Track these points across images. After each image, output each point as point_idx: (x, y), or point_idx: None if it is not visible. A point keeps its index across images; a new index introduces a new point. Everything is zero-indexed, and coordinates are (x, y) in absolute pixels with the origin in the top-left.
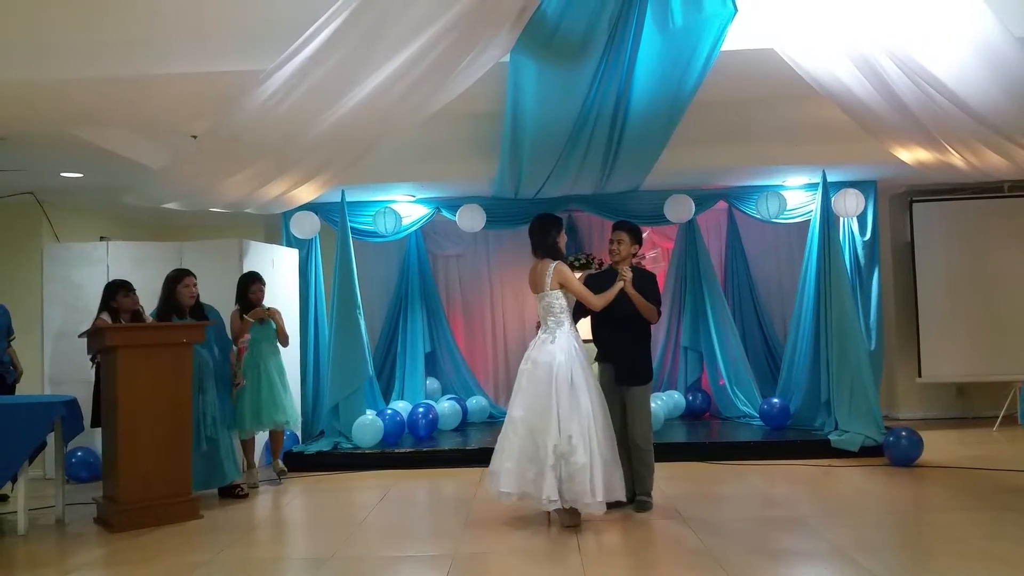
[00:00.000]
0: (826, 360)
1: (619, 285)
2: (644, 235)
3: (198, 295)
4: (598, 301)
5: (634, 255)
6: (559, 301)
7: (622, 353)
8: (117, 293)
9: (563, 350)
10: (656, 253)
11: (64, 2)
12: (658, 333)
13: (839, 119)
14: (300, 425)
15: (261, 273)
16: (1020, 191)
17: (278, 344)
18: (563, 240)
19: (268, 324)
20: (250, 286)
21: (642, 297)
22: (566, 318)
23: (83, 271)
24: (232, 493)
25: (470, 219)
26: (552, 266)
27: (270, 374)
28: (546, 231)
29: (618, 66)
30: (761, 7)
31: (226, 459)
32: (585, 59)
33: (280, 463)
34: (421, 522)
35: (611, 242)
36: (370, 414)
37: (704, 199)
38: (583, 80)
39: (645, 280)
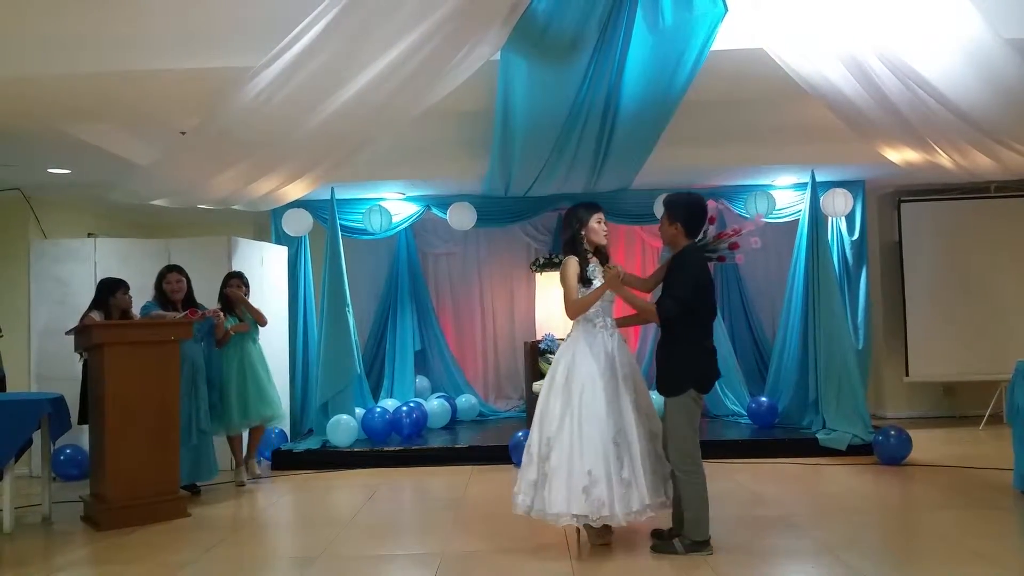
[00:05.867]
0: (814, 359)
1: (600, 286)
2: (711, 208)
3: (189, 291)
4: (570, 309)
5: (682, 233)
6: None
7: (658, 357)
8: (117, 291)
9: (569, 348)
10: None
11: None
12: (647, 332)
13: (828, 119)
14: (289, 423)
15: (249, 271)
16: (1007, 192)
17: (258, 338)
18: (590, 230)
19: (247, 320)
20: (226, 282)
21: (631, 292)
22: (589, 321)
23: (70, 268)
24: (190, 489)
25: (461, 217)
26: (564, 261)
27: (255, 368)
28: (564, 227)
29: (608, 64)
30: (751, 7)
31: (212, 456)
32: (575, 57)
33: (256, 465)
34: (410, 520)
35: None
36: (358, 411)
37: None
38: (573, 78)
39: (671, 269)
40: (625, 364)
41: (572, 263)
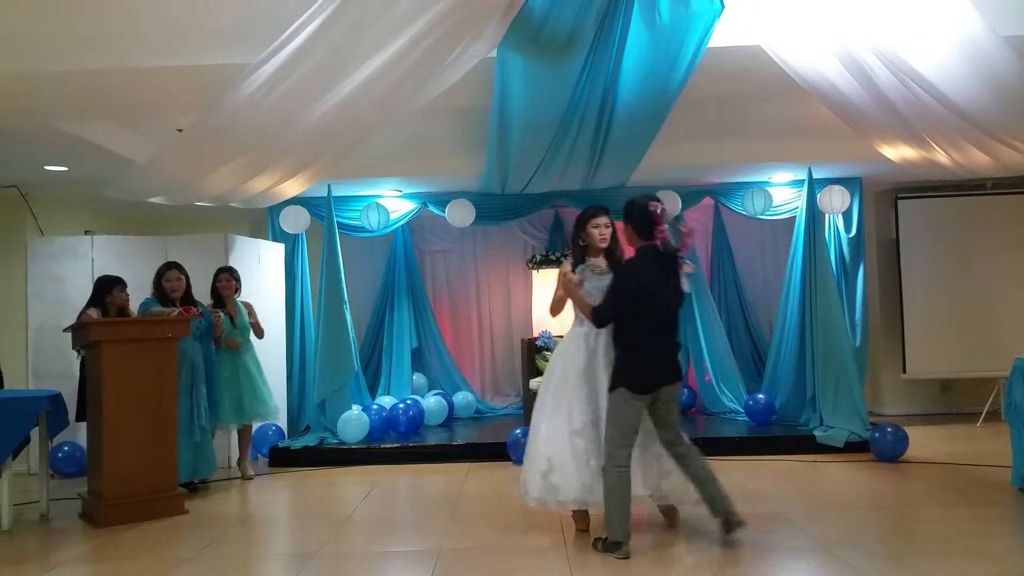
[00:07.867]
0: (811, 356)
1: (557, 290)
2: (656, 209)
3: (187, 288)
4: (550, 309)
5: (634, 235)
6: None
7: None
8: (114, 288)
9: (558, 347)
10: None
11: None
12: None
13: (825, 116)
14: (286, 420)
15: (246, 268)
16: (1003, 189)
17: (251, 338)
18: (587, 233)
19: (242, 318)
20: (216, 277)
21: (580, 297)
22: (576, 317)
23: (67, 265)
24: (187, 486)
25: (460, 214)
26: None
27: (247, 367)
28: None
29: (605, 62)
30: (748, 4)
31: (210, 452)
32: (572, 54)
33: (249, 467)
34: (407, 517)
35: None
36: (356, 409)
37: (691, 195)
38: (570, 75)
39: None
40: (574, 357)
41: (565, 264)
